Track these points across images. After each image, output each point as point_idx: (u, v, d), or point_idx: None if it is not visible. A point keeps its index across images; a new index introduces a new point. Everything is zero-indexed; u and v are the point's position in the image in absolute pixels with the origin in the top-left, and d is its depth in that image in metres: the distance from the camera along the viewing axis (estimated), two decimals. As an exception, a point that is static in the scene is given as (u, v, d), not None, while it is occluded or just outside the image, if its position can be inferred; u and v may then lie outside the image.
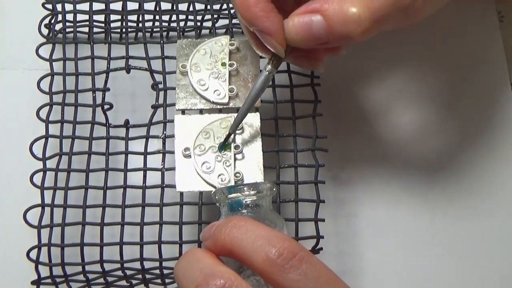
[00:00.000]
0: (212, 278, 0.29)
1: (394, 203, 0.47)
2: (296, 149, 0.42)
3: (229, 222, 0.32)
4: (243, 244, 0.30)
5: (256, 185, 0.34)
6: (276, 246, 0.29)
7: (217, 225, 0.32)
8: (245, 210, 0.34)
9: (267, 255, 0.29)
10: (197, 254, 0.32)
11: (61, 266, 0.40)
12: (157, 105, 0.43)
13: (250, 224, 0.31)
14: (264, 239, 0.30)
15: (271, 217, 0.35)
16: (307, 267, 0.29)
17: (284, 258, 0.29)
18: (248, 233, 0.30)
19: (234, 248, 0.30)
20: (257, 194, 0.34)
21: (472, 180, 0.48)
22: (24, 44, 0.48)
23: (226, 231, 0.31)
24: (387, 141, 0.48)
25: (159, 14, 0.46)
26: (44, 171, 0.41)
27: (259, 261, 0.29)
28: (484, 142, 0.49)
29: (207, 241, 0.32)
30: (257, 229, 0.31)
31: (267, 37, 0.35)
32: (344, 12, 0.33)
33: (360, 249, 0.46)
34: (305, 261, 0.29)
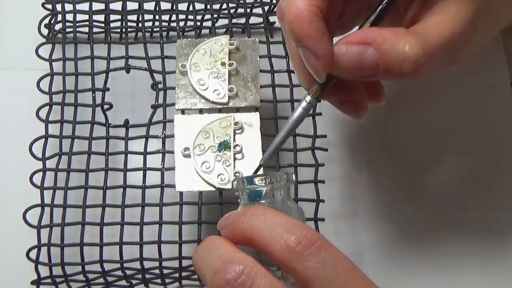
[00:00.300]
0: (230, 264, 0.29)
1: (394, 202, 0.47)
2: (295, 149, 0.42)
3: (247, 210, 0.32)
4: (262, 232, 0.30)
5: (274, 175, 0.34)
6: (295, 234, 0.29)
7: (236, 214, 0.32)
8: (263, 200, 0.34)
9: (286, 242, 0.29)
10: (216, 241, 0.32)
11: (61, 266, 0.40)
12: (157, 105, 0.43)
13: (269, 212, 0.31)
14: (283, 227, 0.30)
15: (289, 206, 0.34)
16: (326, 255, 0.29)
17: (303, 246, 0.29)
18: (267, 221, 0.30)
19: (253, 236, 0.30)
20: (275, 184, 0.34)
21: (472, 180, 0.48)
22: (24, 44, 0.48)
23: (245, 219, 0.31)
24: (387, 140, 0.48)
25: (159, 14, 0.46)
26: (44, 171, 0.41)
27: (278, 249, 0.29)
28: (484, 142, 0.49)
29: (224, 230, 0.32)
30: (275, 217, 0.31)
31: (313, 59, 0.34)
32: (402, 51, 0.33)
33: (360, 249, 0.46)
34: (324, 249, 0.29)
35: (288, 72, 0.44)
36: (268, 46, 0.45)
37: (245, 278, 0.29)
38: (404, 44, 0.33)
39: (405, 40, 0.33)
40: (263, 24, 0.47)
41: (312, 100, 0.36)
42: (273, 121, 0.43)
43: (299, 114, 0.36)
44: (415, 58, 0.33)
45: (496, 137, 0.49)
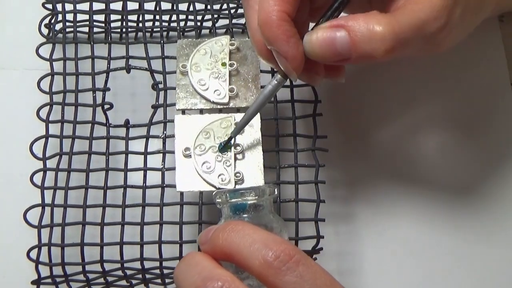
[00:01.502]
0: (210, 280, 0.30)
1: (394, 203, 0.47)
2: (296, 149, 0.42)
3: (226, 226, 0.32)
4: (241, 248, 0.31)
5: (257, 189, 0.35)
6: (272, 249, 0.30)
7: (215, 229, 0.33)
8: (245, 213, 0.34)
9: (264, 258, 0.30)
10: (196, 257, 0.32)
11: (61, 266, 0.40)
12: (157, 105, 0.43)
13: (247, 228, 0.31)
14: (261, 242, 0.30)
15: (271, 219, 0.35)
16: (304, 269, 0.29)
17: (280, 261, 0.29)
18: (246, 237, 0.31)
19: (232, 252, 0.31)
20: (258, 198, 0.34)
21: (472, 180, 0.48)
22: (24, 44, 0.48)
23: (224, 235, 0.31)
24: (387, 140, 0.48)
25: (159, 14, 0.46)
26: (44, 171, 0.41)
27: (256, 264, 0.30)
28: (484, 142, 0.49)
29: (204, 245, 0.33)
30: (254, 233, 0.31)
31: (283, 59, 0.36)
32: (370, 29, 0.33)
33: (360, 249, 0.46)
34: (302, 263, 0.30)
35: (289, 72, 0.44)
36: (268, 46, 0.45)
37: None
38: (373, 24, 0.34)
39: (374, 19, 0.34)
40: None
41: (282, 79, 0.38)
42: (273, 121, 0.43)
43: (270, 90, 0.38)
44: (382, 36, 0.33)
45: (496, 137, 0.49)
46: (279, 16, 0.35)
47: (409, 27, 0.34)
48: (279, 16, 0.35)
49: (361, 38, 0.34)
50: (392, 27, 0.33)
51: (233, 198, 0.34)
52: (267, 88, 0.38)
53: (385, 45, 0.34)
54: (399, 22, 0.34)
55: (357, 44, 0.34)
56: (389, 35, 0.33)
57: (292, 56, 0.35)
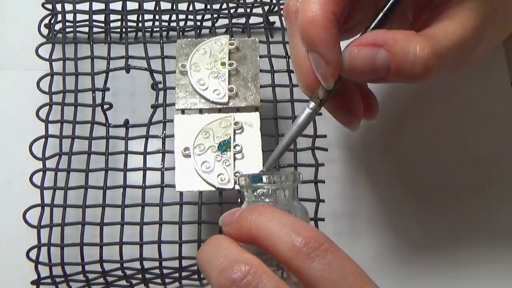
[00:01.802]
0: (237, 264, 0.29)
1: (394, 202, 0.47)
2: (295, 149, 0.42)
3: (255, 209, 0.31)
4: (269, 232, 0.30)
5: (281, 175, 0.34)
6: (302, 235, 0.29)
7: (242, 211, 0.32)
8: (268, 198, 0.34)
9: (293, 243, 0.29)
10: (222, 241, 0.32)
11: (61, 266, 0.40)
12: (157, 105, 0.43)
13: (276, 212, 0.31)
14: (290, 227, 0.30)
15: (294, 206, 0.34)
16: (332, 257, 0.29)
17: (310, 247, 0.29)
18: (275, 221, 0.30)
19: (260, 235, 0.30)
20: (281, 183, 0.34)
21: (472, 180, 0.48)
22: (24, 44, 0.48)
23: (252, 217, 0.31)
24: (387, 139, 0.48)
25: (159, 13, 0.46)
26: (44, 171, 0.41)
27: (284, 249, 0.29)
28: (484, 143, 0.49)
29: (228, 226, 0.32)
30: (283, 217, 0.31)
31: (323, 64, 0.33)
32: (412, 51, 0.33)
33: (360, 249, 0.46)
34: (331, 251, 0.29)
35: (288, 72, 0.44)
36: (268, 46, 0.45)
37: (251, 279, 0.29)
38: (415, 45, 0.33)
39: (416, 41, 0.33)
40: (263, 24, 0.47)
41: (316, 106, 0.35)
42: (273, 121, 0.43)
43: (303, 119, 0.36)
44: (426, 59, 0.33)
45: (496, 137, 0.49)
46: (327, 17, 0.33)
47: (449, 47, 0.33)
48: (326, 17, 0.33)
49: (403, 60, 0.33)
50: (433, 50, 0.33)
51: (255, 182, 0.34)
52: (300, 117, 0.36)
53: (427, 69, 0.33)
54: (440, 43, 0.33)
55: (398, 66, 0.33)
56: (432, 58, 0.33)
57: (335, 60, 0.33)
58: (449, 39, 0.34)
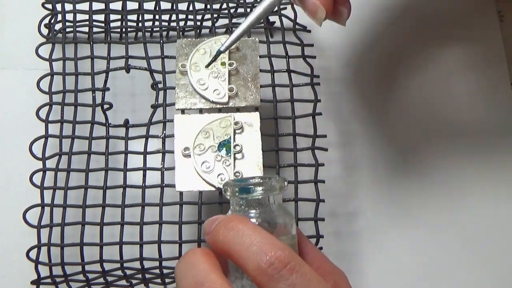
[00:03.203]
0: (201, 286, 0.30)
1: (394, 202, 0.47)
2: (295, 149, 0.42)
3: (228, 223, 0.32)
4: (238, 249, 0.31)
5: (267, 183, 0.34)
6: (268, 254, 0.30)
7: (218, 222, 0.32)
8: (253, 208, 0.34)
9: (259, 263, 0.30)
10: (194, 257, 0.32)
11: (61, 266, 0.40)
12: (157, 105, 0.43)
13: (247, 228, 0.31)
14: (257, 246, 0.30)
15: (279, 214, 0.34)
16: (297, 277, 0.29)
17: (274, 268, 0.30)
18: (244, 238, 0.31)
19: (230, 251, 0.31)
20: (266, 193, 0.34)
21: (473, 180, 0.48)
22: (24, 44, 0.48)
23: (225, 232, 0.32)
24: (387, 140, 0.48)
25: (159, 13, 0.46)
26: (44, 171, 0.41)
27: (251, 268, 0.30)
28: (484, 142, 0.49)
29: (207, 236, 0.33)
30: (253, 234, 0.31)
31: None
32: None
33: (360, 249, 0.46)
34: (296, 271, 0.30)
35: (288, 72, 0.44)
36: (268, 46, 0.45)
37: None
38: None
39: None
40: (263, 24, 0.47)
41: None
42: (273, 121, 0.43)
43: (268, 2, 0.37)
44: None
45: (497, 137, 0.49)
46: None
47: None
48: None
49: None
50: None
51: (242, 193, 0.34)
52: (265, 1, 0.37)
53: None
54: None
55: None
56: None
57: None
58: None
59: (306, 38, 0.46)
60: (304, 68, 0.44)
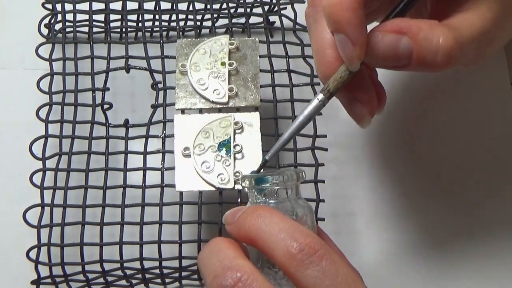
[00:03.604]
0: (229, 270, 0.30)
1: (394, 202, 0.47)
2: (295, 149, 0.42)
3: (255, 211, 0.32)
4: (266, 236, 0.31)
5: (285, 174, 0.34)
6: (298, 241, 0.30)
7: (243, 211, 0.32)
8: (271, 198, 0.34)
9: (288, 249, 0.30)
10: (220, 244, 0.32)
11: (61, 265, 0.40)
12: (157, 105, 0.43)
13: (275, 216, 0.31)
14: (287, 232, 0.30)
15: (298, 204, 0.34)
16: (326, 264, 0.29)
17: (304, 254, 0.29)
18: (272, 224, 0.31)
19: (258, 238, 0.31)
20: (285, 183, 0.34)
21: (473, 180, 0.48)
22: (24, 44, 0.48)
23: (252, 220, 0.31)
24: (387, 140, 0.48)
25: (159, 13, 0.46)
26: (44, 171, 0.41)
27: (280, 254, 0.30)
28: (484, 142, 0.49)
29: (230, 226, 0.33)
30: (281, 221, 0.31)
31: (350, 47, 0.33)
32: (435, 41, 0.33)
33: (360, 249, 0.46)
34: (325, 258, 0.30)
35: (288, 72, 0.44)
36: (268, 46, 0.45)
37: (241, 286, 0.29)
38: (438, 35, 0.33)
39: (439, 31, 0.33)
40: (263, 24, 0.47)
41: (325, 98, 0.36)
42: (273, 121, 0.43)
43: (311, 110, 0.36)
44: (450, 49, 0.33)
45: (497, 137, 0.49)
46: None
47: (471, 39, 0.34)
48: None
49: (426, 49, 0.33)
50: (456, 40, 0.33)
51: (259, 183, 0.34)
52: (308, 108, 0.36)
53: (449, 59, 0.33)
54: (462, 34, 0.33)
55: (420, 54, 0.33)
56: (455, 49, 0.33)
57: (361, 42, 0.33)
58: (471, 30, 0.34)
59: (306, 38, 0.46)
60: (304, 68, 0.44)
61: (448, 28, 0.33)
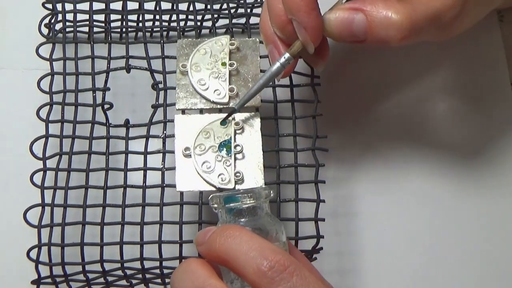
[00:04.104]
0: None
1: (394, 202, 0.47)
2: (296, 149, 0.42)
3: (224, 231, 0.32)
4: (236, 255, 0.31)
5: (253, 192, 0.35)
6: (268, 259, 0.30)
7: (212, 232, 0.33)
8: (241, 217, 0.35)
9: (259, 267, 0.30)
10: (192, 265, 0.33)
11: (61, 265, 0.40)
12: (157, 105, 0.43)
13: (245, 234, 0.32)
14: (257, 251, 0.31)
15: (268, 222, 0.35)
16: (297, 280, 0.30)
17: (275, 271, 0.30)
18: (242, 244, 0.31)
19: (228, 258, 0.31)
20: (253, 202, 0.34)
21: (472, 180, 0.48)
22: (24, 44, 0.48)
23: (221, 240, 0.32)
24: (387, 140, 0.48)
25: (159, 13, 0.46)
26: (44, 171, 0.41)
27: (251, 272, 0.30)
28: (484, 142, 0.49)
29: (200, 247, 0.33)
30: (251, 240, 0.31)
31: (303, 31, 0.37)
32: (388, 17, 0.35)
33: (360, 249, 0.46)
34: (296, 274, 0.30)
35: (289, 72, 0.44)
36: (268, 46, 0.45)
37: None
38: (391, 10, 0.35)
39: (393, 7, 0.35)
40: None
41: (290, 57, 0.39)
42: (273, 121, 0.43)
43: (276, 68, 0.39)
44: (400, 25, 0.35)
45: (496, 137, 0.49)
46: None
47: (425, 16, 0.35)
48: None
49: (378, 24, 0.35)
50: (409, 16, 0.35)
51: (228, 203, 0.35)
52: (273, 66, 0.39)
53: (401, 34, 0.35)
54: (416, 11, 0.35)
55: (374, 30, 0.36)
56: (406, 24, 0.35)
57: (312, 27, 0.36)
58: (426, 9, 0.35)
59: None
60: (304, 68, 0.44)
61: (403, 5, 0.35)
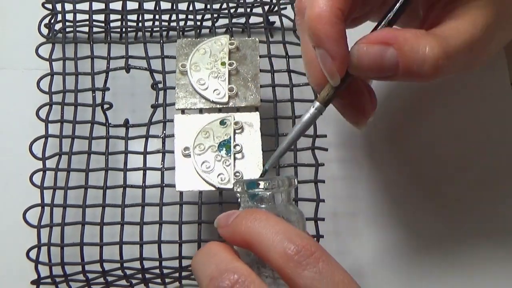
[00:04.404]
0: (226, 272, 0.30)
1: (394, 201, 0.47)
2: (295, 148, 0.42)
3: (250, 214, 0.32)
4: (262, 238, 0.30)
5: (276, 180, 0.34)
6: (294, 243, 0.30)
7: (237, 215, 0.32)
8: (264, 204, 0.34)
9: (285, 250, 0.29)
10: (215, 248, 0.32)
11: (61, 265, 0.40)
12: (157, 105, 0.43)
13: (271, 219, 0.31)
14: (284, 234, 0.30)
15: (290, 211, 0.35)
16: (323, 266, 0.29)
17: (301, 255, 0.29)
18: (268, 227, 0.31)
19: (253, 241, 0.31)
20: (277, 188, 0.34)
21: (473, 180, 0.48)
22: (24, 44, 0.48)
23: (247, 223, 0.31)
24: (387, 139, 0.48)
25: (159, 13, 0.46)
26: (44, 171, 0.41)
27: (276, 256, 0.30)
28: (484, 142, 0.49)
29: (223, 229, 0.33)
30: (277, 224, 0.31)
31: (329, 60, 0.33)
32: (421, 51, 0.33)
33: (360, 249, 0.46)
34: (322, 260, 0.29)
35: (288, 72, 0.44)
36: (268, 46, 0.45)
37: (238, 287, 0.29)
38: (424, 45, 0.33)
39: (425, 41, 0.33)
40: (263, 24, 0.47)
41: (321, 106, 0.35)
42: (273, 121, 0.43)
43: (307, 119, 0.36)
44: (435, 59, 0.33)
45: (496, 137, 0.49)
46: (334, 13, 0.33)
47: (460, 46, 0.33)
48: (333, 13, 0.33)
49: (411, 59, 0.33)
50: (443, 50, 0.33)
51: (251, 188, 0.34)
52: (304, 117, 0.36)
53: (435, 69, 0.33)
54: (449, 42, 0.33)
55: (406, 65, 0.33)
56: (442, 59, 0.33)
57: (340, 56, 0.33)
58: (460, 39, 0.33)
59: (306, 38, 0.46)
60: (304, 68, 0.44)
61: (436, 37, 0.33)
